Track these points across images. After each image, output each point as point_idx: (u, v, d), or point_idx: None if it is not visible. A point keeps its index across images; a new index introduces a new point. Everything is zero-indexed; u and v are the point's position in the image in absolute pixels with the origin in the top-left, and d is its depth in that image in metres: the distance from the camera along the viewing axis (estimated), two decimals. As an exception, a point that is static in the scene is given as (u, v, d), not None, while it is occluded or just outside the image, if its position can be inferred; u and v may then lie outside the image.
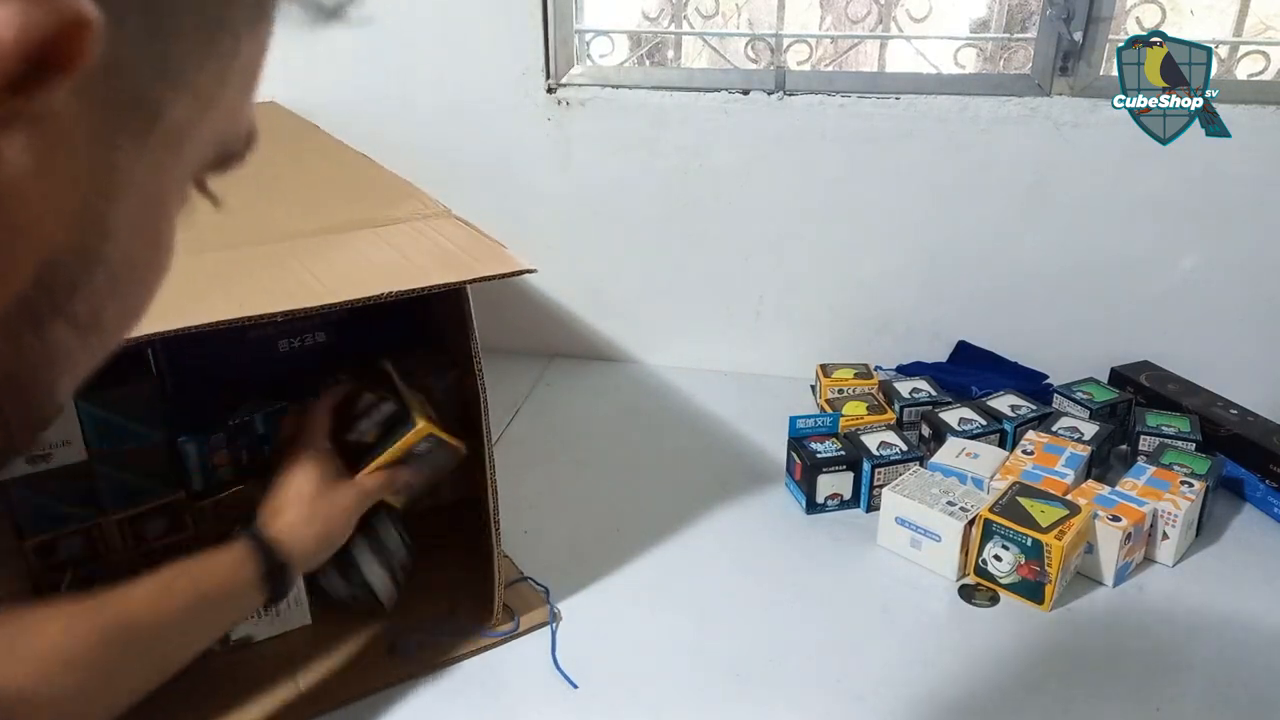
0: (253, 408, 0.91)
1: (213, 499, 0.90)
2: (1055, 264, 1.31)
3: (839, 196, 1.35)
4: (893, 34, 1.36)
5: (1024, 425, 1.16)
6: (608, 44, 1.41)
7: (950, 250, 1.35)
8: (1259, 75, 1.24)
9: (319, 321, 0.98)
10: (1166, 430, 1.14)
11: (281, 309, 0.66)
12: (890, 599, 0.96)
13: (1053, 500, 0.97)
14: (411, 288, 0.71)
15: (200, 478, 0.89)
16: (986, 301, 1.37)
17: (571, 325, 1.53)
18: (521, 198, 1.43)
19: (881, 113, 1.29)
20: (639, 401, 1.40)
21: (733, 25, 1.64)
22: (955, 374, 1.35)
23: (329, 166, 1.10)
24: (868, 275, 1.39)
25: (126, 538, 0.87)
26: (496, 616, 0.91)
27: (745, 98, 1.33)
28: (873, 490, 1.08)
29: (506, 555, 1.00)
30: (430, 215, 0.87)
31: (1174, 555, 1.00)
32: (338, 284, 0.70)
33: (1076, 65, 1.24)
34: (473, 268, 0.75)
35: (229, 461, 0.91)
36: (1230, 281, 1.26)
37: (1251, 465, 1.12)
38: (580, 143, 1.39)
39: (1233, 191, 1.21)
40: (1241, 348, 1.29)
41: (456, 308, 0.82)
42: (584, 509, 1.12)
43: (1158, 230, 1.26)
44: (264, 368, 0.96)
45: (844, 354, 1.41)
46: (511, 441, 1.28)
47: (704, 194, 1.38)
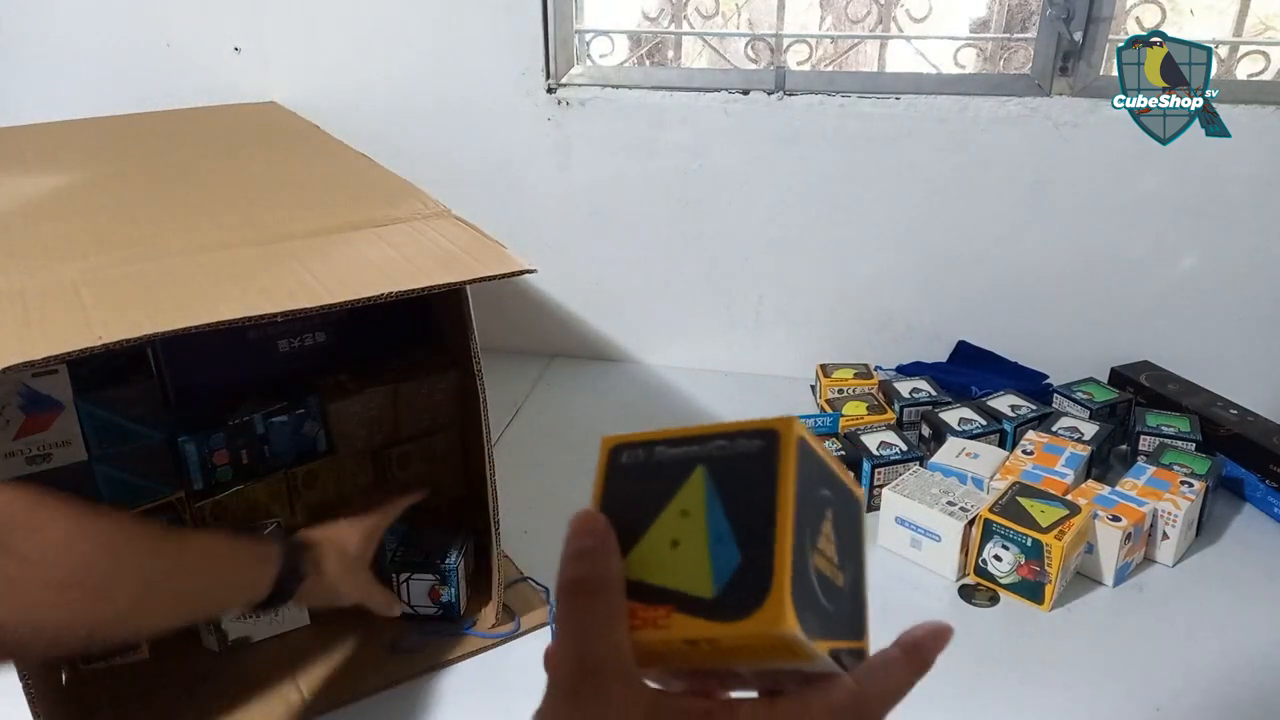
0: (253, 408, 0.91)
1: (213, 499, 0.90)
2: (1055, 264, 1.31)
3: (839, 196, 1.35)
4: (893, 34, 1.36)
5: (1024, 425, 1.16)
6: (608, 44, 1.41)
7: (950, 250, 1.35)
8: (1259, 75, 1.24)
9: (319, 321, 0.98)
10: (1166, 430, 1.14)
11: (281, 309, 0.66)
12: (890, 599, 0.95)
13: (1053, 500, 0.97)
14: (411, 288, 0.71)
15: (200, 478, 0.89)
16: (986, 301, 1.37)
17: (571, 325, 1.53)
18: (521, 198, 1.43)
19: (881, 113, 1.29)
20: (639, 401, 1.40)
21: (733, 25, 1.64)
22: (955, 374, 1.35)
23: (329, 166, 1.10)
24: (868, 275, 1.39)
25: (126, 538, 0.87)
26: (497, 616, 0.91)
27: (745, 98, 1.33)
28: (873, 490, 1.08)
29: (506, 555, 1.00)
30: (430, 215, 0.87)
31: (1174, 555, 1.00)
32: (338, 284, 0.70)
33: (1076, 65, 1.24)
34: (473, 268, 0.74)
35: (229, 461, 0.91)
36: (1230, 281, 1.26)
37: (1251, 465, 1.12)
38: (580, 143, 1.39)
39: (1233, 191, 1.21)
40: (1241, 348, 1.29)
41: (456, 308, 0.82)
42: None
43: (1158, 230, 1.26)
44: (264, 368, 0.96)
45: (844, 354, 1.41)
46: (511, 441, 1.28)
47: (704, 194, 1.38)
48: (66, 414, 0.80)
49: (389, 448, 1.00)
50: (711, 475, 0.32)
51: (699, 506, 0.32)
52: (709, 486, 0.32)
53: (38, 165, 1.07)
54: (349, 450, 0.98)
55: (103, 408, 0.82)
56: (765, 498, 0.31)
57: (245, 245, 0.79)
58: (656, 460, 0.33)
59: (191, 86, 1.46)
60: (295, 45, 1.42)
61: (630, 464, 0.34)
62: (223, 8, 1.41)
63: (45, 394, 0.78)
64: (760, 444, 0.32)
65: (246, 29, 1.42)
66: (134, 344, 0.61)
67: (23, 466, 0.80)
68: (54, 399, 0.79)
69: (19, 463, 0.79)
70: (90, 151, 1.14)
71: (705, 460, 0.32)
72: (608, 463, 0.34)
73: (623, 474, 0.34)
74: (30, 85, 1.52)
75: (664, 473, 0.33)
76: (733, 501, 0.31)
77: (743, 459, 0.32)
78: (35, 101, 1.51)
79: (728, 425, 0.32)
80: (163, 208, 0.91)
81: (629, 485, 0.34)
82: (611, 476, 0.34)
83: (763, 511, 0.30)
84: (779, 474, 0.31)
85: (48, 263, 0.74)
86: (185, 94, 1.45)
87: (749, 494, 0.31)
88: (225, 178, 1.03)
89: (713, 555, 0.31)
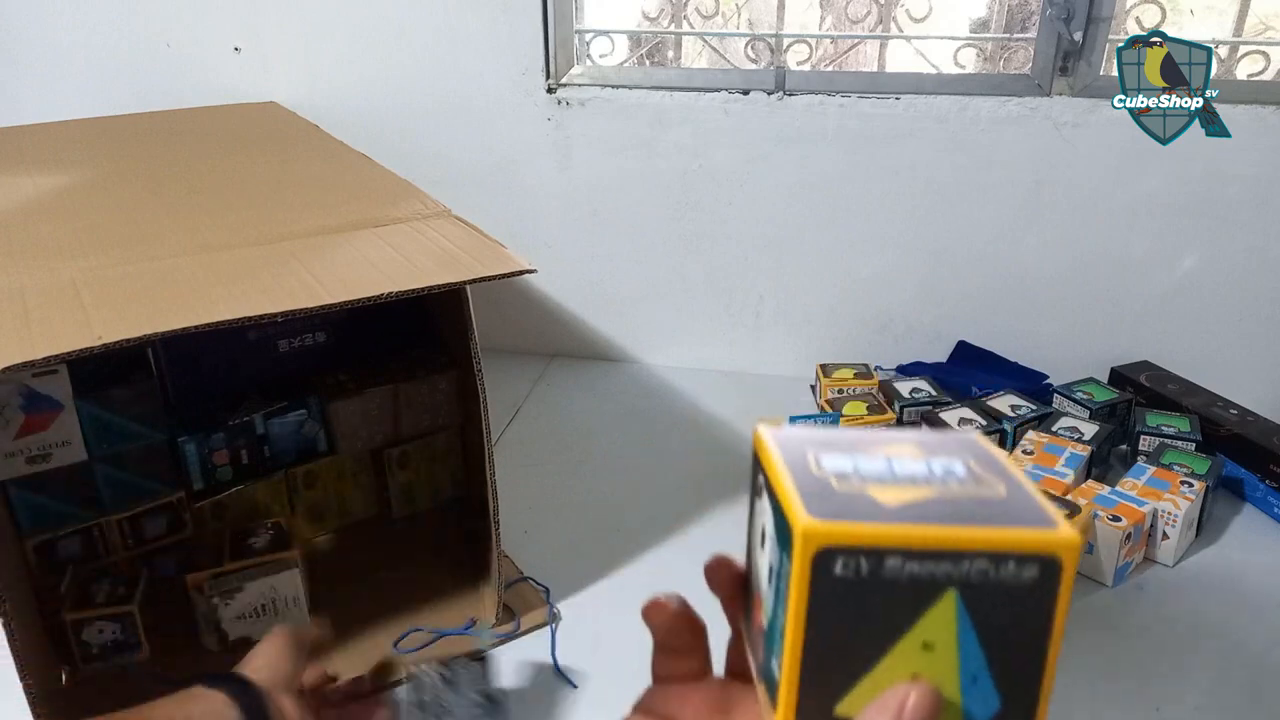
0: (253, 408, 0.91)
1: (213, 499, 0.90)
2: (1055, 264, 1.31)
3: (839, 196, 1.35)
4: (893, 34, 1.36)
5: (1024, 425, 1.16)
6: (608, 44, 1.41)
7: (950, 250, 1.35)
8: (1259, 75, 1.24)
9: (319, 321, 0.98)
10: (1166, 430, 1.14)
11: (281, 309, 0.66)
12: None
13: (1053, 500, 0.97)
14: (411, 288, 0.71)
15: (200, 478, 0.89)
16: (986, 301, 1.37)
17: (571, 325, 1.53)
18: (521, 198, 1.43)
19: (881, 113, 1.29)
20: (639, 401, 1.40)
21: (733, 25, 1.64)
22: (955, 374, 1.35)
23: (329, 166, 1.10)
24: (868, 275, 1.39)
25: (126, 538, 0.87)
26: (497, 616, 0.91)
27: (745, 98, 1.33)
28: (873, 490, 1.07)
29: (506, 555, 1.00)
30: (430, 215, 0.87)
31: (1174, 555, 1.00)
32: (338, 284, 0.70)
33: (1076, 65, 1.24)
34: (473, 268, 0.74)
35: (229, 461, 0.91)
36: (1230, 281, 1.26)
37: (1251, 465, 1.12)
38: (580, 143, 1.39)
39: (1233, 191, 1.21)
40: (1241, 348, 1.29)
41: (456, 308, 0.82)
42: (584, 509, 1.12)
43: (1158, 230, 1.26)
44: (264, 368, 0.96)
45: (844, 354, 1.41)
46: (511, 441, 1.28)
47: (704, 194, 1.38)
48: (66, 414, 0.80)
49: (389, 448, 1.00)
50: (966, 604, 0.25)
51: (949, 639, 0.25)
52: (962, 616, 0.25)
53: (38, 165, 1.07)
54: (349, 450, 0.98)
55: (103, 408, 0.82)
56: (1039, 639, 0.25)
57: (245, 245, 0.79)
58: (889, 577, 0.25)
59: (191, 86, 1.46)
60: (295, 45, 1.42)
61: (849, 578, 0.25)
62: (223, 8, 1.41)
63: (45, 394, 0.78)
64: (1036, 575, 0.24)
65: (246, 29, 1.42)
66: (134, 344, 0.61)
67: (23, 466, 0.80)
68: (54, 399, 0.79)
69: (19, 463, 0.79)
70: (90, 151, 1.14)
71: (960, 584, 0.25)
72: (814, 571, 0.25)
73: (838, 589, 0.25)
74: (30, 85, 1.52)
75: (901, 593, 0.25)
76: (993, 637, 0.25)
77: (1012, 590, 0.25)
78: (35, 101, 1.51)
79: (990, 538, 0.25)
80: (163, 208, 0.91)
81: (849, 602, 0.25)
82: (820, 589, 0.25)
83: (1033, 655, 0.25)
84: (1056, 610, 0.25)
85: (48, 263, 0.74)
86: (185, 94, 1.45)
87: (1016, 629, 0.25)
88: (225, 178, 1.03)
89: (965, 700, 0.25)
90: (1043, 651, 0.25)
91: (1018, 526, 0.24)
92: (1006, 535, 0.24)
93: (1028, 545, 0.24)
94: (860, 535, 0.24)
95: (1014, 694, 0.25)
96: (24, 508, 0.82)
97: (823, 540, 0.24)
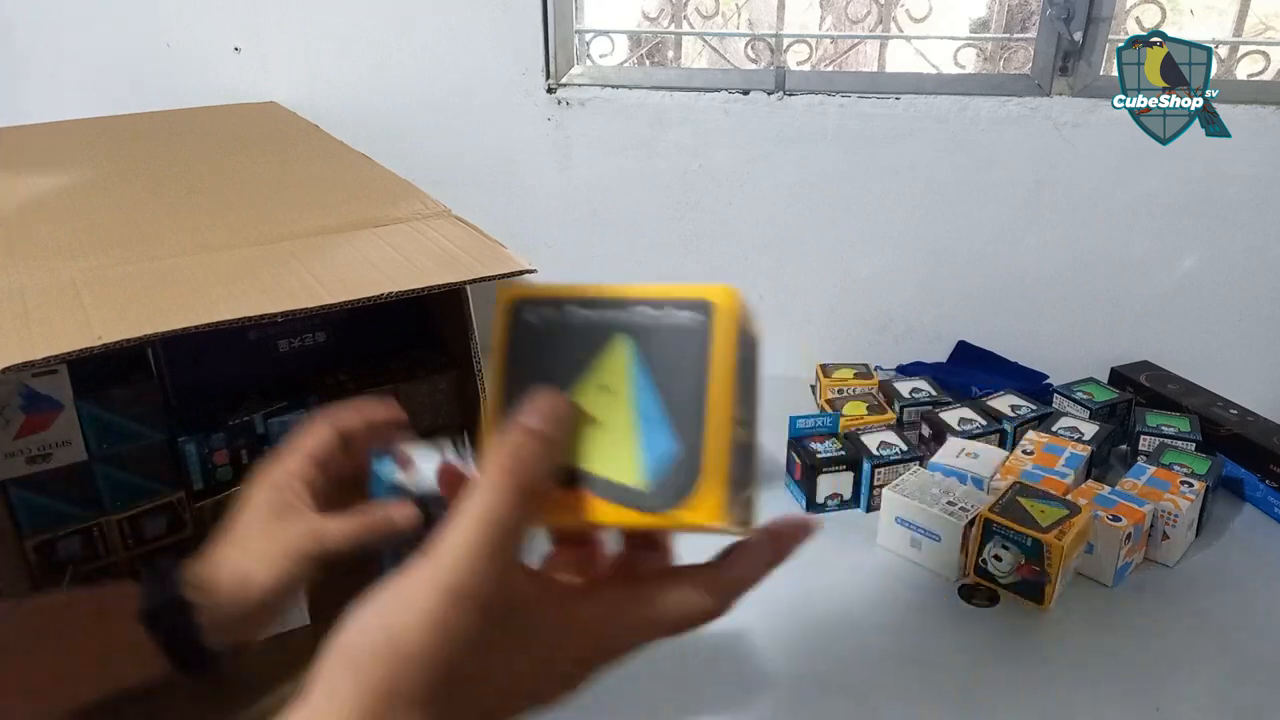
0: (253, 408, 0.91)
1: (213, 499, 0.90)
2: (1055, 264, 1.31)
3: (839, 196, 1.35)
4: (893, 34, 1.36)
5: (1024, 425, 1.16)
6: (608, 44, 1.41)
7: (950, 250, 1.35)
8: (1259, 75, 1.24)
9: (319, 321, 0.98)
10: (1166, 430, 1.14)
11: (281, 309, 0.66)
12: (890, 599, 0.96)
13: (1053, 500, 0.97)
14: (411, 288, 0.71)
15: (200, 478, 0.89)
16: (986, 301, 1.37)
17: (571, 325, 1.53)
18: (521, 198, 1.43)
19: (881, 113, 1.29)
20: (639, 401, 1.39)
21: (733, 25, 1.64)
22: (955, 374, 1.35)
23: (329, 166, 1.10)
24: (868, 275, 1.39)
25: (126, 538, 0.87)
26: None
27: (745, 98, 1.33)
28: (873, 490, 1.08)
29: (506, 555, 1.00)
30: (430, 215, 0.87)
31: (1174, 555, 1.00)
32: (338, 284, 0.70)
33: (1076, 65, 1.24)
34: (473, 268, 0.75)
35: (229, 461, 0.91)
36: (1230, 281, 1.26)
37: (1251, 465, 1.12)
38: (580, 143, 1.39)
39: (1233, 191, 1.21)
40: (1241, 348, 1.29)
41: (456, 308, 0.82)
42: (584, 509, 1.12)
43: (1158, 230, 1.26)
44: (264, 368, 0.96)
45: (844, 354, 1.41)
46: (511, 441, 1.27)
47: (704, 194, 1.38)
48: (66, 414, 0.80)
49: (389, 448, 1.00)
50: (638, 348, 0.28)
51: (623, 383, 0.28)
52: (636, 361, 0.28)
53: (38, 165, 1.07)
54: (349, 450, 0.98)
55: (103, 408, 0.82)
56: (700, 378, 0.28)
57: (245, 245, 0.79)
58: (568, 322, 0.28)
59: (191, 86, 1.46)
60: (295, 45, 1.42)
61: (537, 323, 0.29)
62: (223, 8, 1.41)
63: (45, 394, 0.78)
64: (694, 317, 0.28)
65: (246, 29, 1.42)
66: (134, 344, 0.61)
67: (23, 466, 0.80)
68: (54, 399, 0.79)
69: (19, 463, 0.79)
70: (90, 151, 1.14)
71: (630, 330, 0.28)
72: (509, 320, 0.29)
73: (528, 334, 0.29)
74: (30, 85, 1.52)
75: (578, 338, 0.28)
76: (664, 380, 0.28)
77: (674, 333, 0.28)
78: (36, 101, 1.51)
79: (652, 290, 0.28)
80: (163, 208, 0.91)
81: (536, 348, 0.29)
82: (515, 336, 0.29)
83: (697, 394, 0.27)
84: (714, 352, 0.27)
85: (48, 263, 0.74)
86: (185, 94, 1.45)
87: (682, 373, 0.28)
88: (225, 178, 1.03)
89: (643, 441, 0.28)
90: (704, 393, 0.27)
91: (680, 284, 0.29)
92: (669, 288, 0.28)
93: (685, 292, 0.28)
94: (544, 290, 0.29)
95: (686, 438, 0.27)
96: (24, 508, 0.82)
97: (515, 293, 0.29)
